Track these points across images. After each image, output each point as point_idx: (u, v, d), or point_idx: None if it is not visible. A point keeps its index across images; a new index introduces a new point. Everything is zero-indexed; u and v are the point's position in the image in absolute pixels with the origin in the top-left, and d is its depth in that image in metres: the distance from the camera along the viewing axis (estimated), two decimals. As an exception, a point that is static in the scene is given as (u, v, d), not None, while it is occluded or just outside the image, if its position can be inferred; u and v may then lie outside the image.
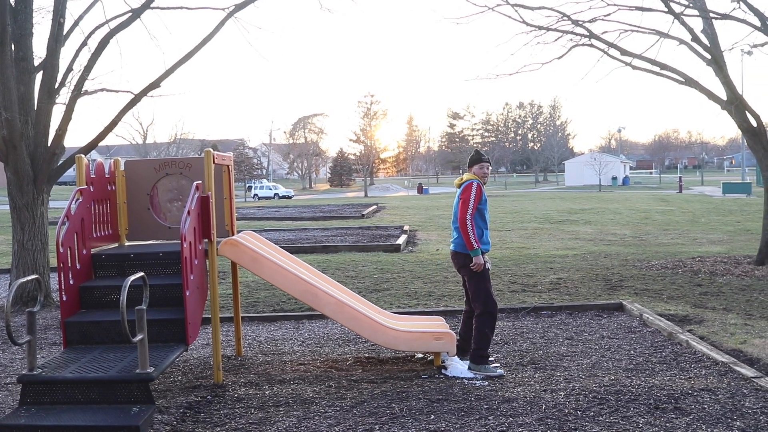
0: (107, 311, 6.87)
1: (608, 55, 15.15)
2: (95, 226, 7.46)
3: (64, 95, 12.40)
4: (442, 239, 21.88)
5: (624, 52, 14.91)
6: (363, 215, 34.55)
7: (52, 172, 12.12)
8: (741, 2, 14.37)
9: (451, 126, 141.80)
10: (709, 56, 14.50)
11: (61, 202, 39.88)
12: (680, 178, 64.62)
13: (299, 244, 20.00)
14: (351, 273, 14.69)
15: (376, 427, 5.74)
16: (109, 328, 6.61)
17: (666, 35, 14.62)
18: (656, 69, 14.98)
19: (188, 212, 6.71)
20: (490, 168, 7.88)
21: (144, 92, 12.35)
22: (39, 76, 12.12)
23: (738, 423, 5.54)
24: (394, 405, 6.29)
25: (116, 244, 7.99)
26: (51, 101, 12.10)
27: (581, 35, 15.08)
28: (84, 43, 12.52)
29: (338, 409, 6.24)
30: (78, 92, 12.27)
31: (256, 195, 79.30)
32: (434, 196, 63.67)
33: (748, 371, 6.87)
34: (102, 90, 12.97)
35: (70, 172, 10.63)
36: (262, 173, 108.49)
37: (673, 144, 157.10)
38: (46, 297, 11.74)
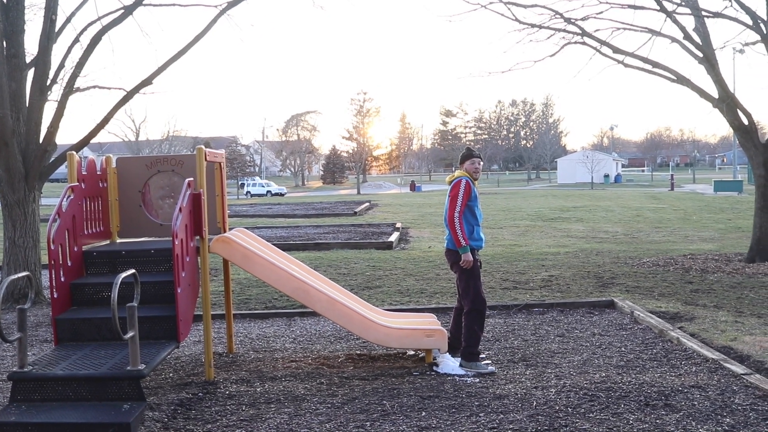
0: (98, 308, 6.86)
1: (600, 53, 15.18)
2: (87, 223, 7.44)
3: (56, 92, 12.41)
4: (434, 237, 21.90)
5: (616, 50, 14.94)
6: (355, 213, 34.57)
7: (44, 169, 12.09)
8: (733, 0, 14.41)
9: (444, 123, 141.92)
10: (701, 54, 14.54)
11: (52, 199, 39.88)
12: (672, 175, 64.82)
13: (291, 242, 20.01)
14: (343, 270, 14.70)
15: (368, 423, 5.75)
16: (100, 326, 6.60)
17: (658, 33, 14.66)
18: (648, 67, 15.02)
19: (180, 209, 6.71)
20: (482, 163, 7.90)
21: (136, 89, 12.33)
22: (31, 73, 12.09)
23: (728, 420, 5.57)
24: (385, 402, 6.30)
25: (108, 241, 7.98)
26: (43, 98, 12.07)
27: (573, 33, 15.11)
28: (76, 40, 12.50)
29: (329, 406, 6.25)
30: (70, 89, 12.24)
31: (248, 192, 79.22)
32: (427, 193, 63.68)
33: (738, 368, 6.90)
34: (94, 87, 12.96)
35: (62, 169, 10.61)
36: (254, 170, 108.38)
37: (665, 142, 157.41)
38: (37, 294, 11.72)
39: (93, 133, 12.33)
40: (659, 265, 14.41)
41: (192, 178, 7.20)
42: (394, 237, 20.59)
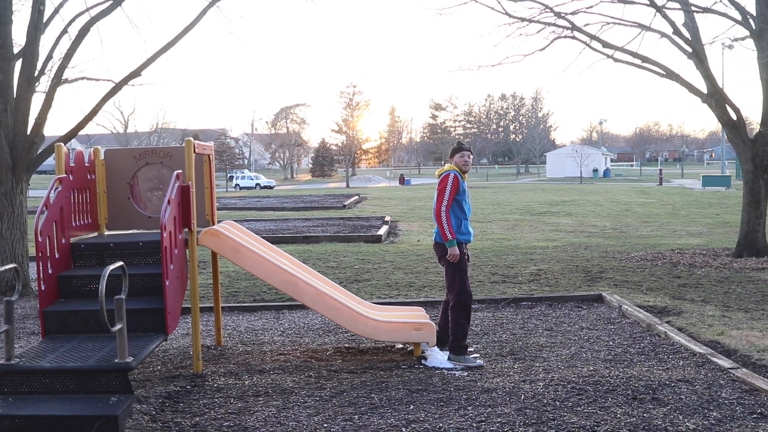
0: (86, 301, 6.83)
1: (590, 47, 15.20)
2: (74, 215, 7.41)
3: (43, 83, 12.31)
4: (423, 230, 21.92)
5: (606, 45, 14.96)
6: (344, 206, 34.54)
7: (32, 160, 12.02)
8: (722, -4, 14.45)
9: (434, 117, 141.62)
10: (690, 49, 14.57)
11: (40, 191, 39.62)
12: (660, 170, 64.96)
13: (280, 235, 19.97)
14: (332, 263, 14.69)
15: (356, 417, 5.75)
16: (87, 318, 6.58)
17: (648, 28, 14.69)
18: (638, 62, 15.04)
19: (168, 201, 6.69)
20: (472, 157, 7.92)
21: (125, 81, 12.27)
22: (18, 64, 12.00)
23: (714, 413, 5.60)
24: (373, 395, 6.30)
25: (96, 234, 7.95)
26: (30, 89, 11.99)
27: (563, 27, 15.12)
28: (64, 31, 12.41)
29: (318, 399, 6.25)
30: (58, 80, 12.17)
31: (237, 185, 79.06)
32: (416, 187, 63.66)
33: (725, 362, 6.93)
34: (82, 78, 12.87)
35: (50, 161, 10.59)
36: (243, 163, 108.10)
37: (653, 137, 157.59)
38: (24, 286, 11.66)
39: (81, 124, 12.27)
40: (647, 260, 14.45)
41: (181, 171, 7.17)
42: (383, 230, 20.59)
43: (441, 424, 5.53)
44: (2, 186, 11.71)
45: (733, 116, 14.74)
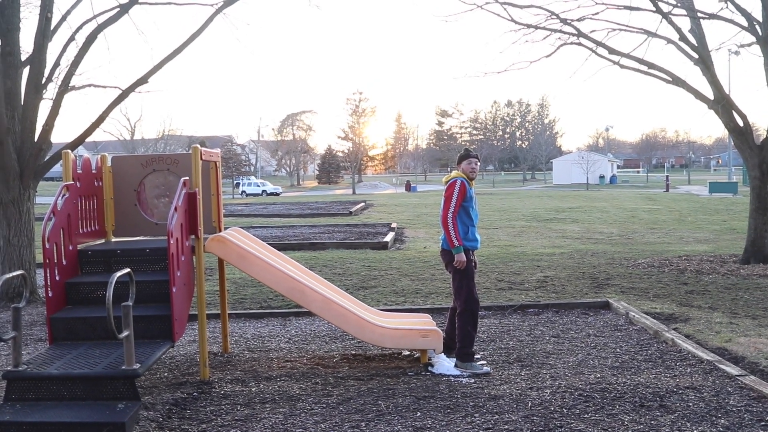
0: (93, 307, 6.84)
1: (596, 53, 15.21)
2: (82, 221, 7.43)
3: (51, 90, 12.36)
4: (429, 237, 21.90)
5: (612, 51, 14.96)
6: (351, 212, 34.58)
7: (39, 167, 12.06)
8: (728, 2, 14.45)
9: (440, 124, 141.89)
10: (696, 56, 14.57)
11: (47, 197, 39.83)
12: (667, 177, 64.89)
13: (287, 241, 20.00)
14: (338, 270, 14.69)
15: (363, 424, 5.75)
16: (95, 325, 6.59)
17: (654, 34, 14.69)
18: (644, 68, 15.04)
19: (175, 208, 6.70)
20: (479, 163, 7.92)
21: (132, 88, 12.30)
22: (26, 71, 12.05)
23: (722, 421, 5.58)
24: (380, 402, 6.30)
25: (103, 240, 7.96)
26: (38, 96, 12.03)
27: (569, 34, 15.13)
28: (71, 38, 12.47)
29: (324, 406, 6.25)
30: (65, 87, 12.21)
31: (243, 192, 79.16)
32: (422, 193, 63.67)
33: (732, 369, 6.91)
34: (89, 85, 12.93)
35: (57, 168, 10.62)
36: (250, 170, 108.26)
37: (660, 143, 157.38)
38: (31, 293, 11.69)
39: (88, 131, 12.30)
40: (654, 266, 14.42)
41: (187, 177, 7.18)
42: (389, 237, 20.60)
43: (448, 431, 5.52)
44: (10, 193, 11.75)
45: (740, 122, 14.72)
